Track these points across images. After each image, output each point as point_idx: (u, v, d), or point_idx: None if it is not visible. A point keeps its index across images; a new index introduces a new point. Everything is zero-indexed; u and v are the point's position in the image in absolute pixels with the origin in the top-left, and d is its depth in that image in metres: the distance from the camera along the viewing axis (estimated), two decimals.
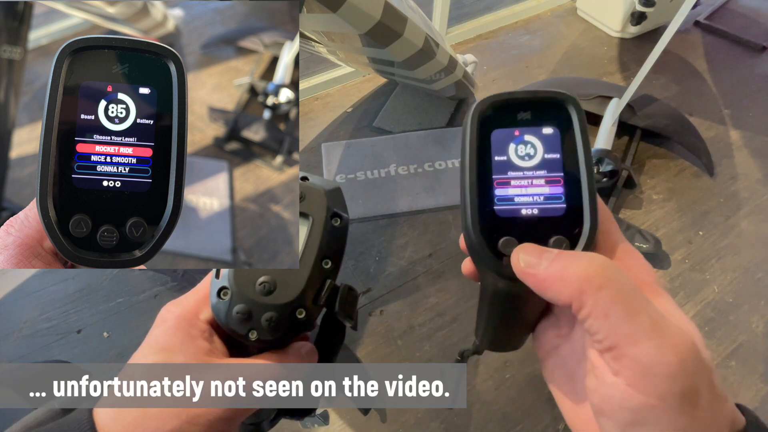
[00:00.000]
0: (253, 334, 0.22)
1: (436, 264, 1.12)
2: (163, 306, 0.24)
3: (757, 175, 1.30)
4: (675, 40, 1.12)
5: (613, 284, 0.18)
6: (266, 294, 0.23)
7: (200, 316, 0.23)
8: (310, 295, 0.23)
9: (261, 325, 0.22)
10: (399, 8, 0.69)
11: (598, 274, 0.18)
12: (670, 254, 1.13)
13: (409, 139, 1.40)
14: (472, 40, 1.81)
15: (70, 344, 1.01)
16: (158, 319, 0.23)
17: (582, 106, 0.22)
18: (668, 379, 0.17)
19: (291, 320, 0.23)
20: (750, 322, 1.02)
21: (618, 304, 0.18)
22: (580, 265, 0.19)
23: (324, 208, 0.24)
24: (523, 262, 0.20)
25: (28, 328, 1.04)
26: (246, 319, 0.22)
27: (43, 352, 1.00)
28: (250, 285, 0.23)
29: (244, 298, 0.22)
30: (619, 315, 0.17)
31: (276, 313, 0.22)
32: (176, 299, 0.24)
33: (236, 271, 0.23)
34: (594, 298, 0.18)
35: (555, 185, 0.22)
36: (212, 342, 0.23)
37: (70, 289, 1.10)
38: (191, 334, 0.22)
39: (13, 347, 1.01)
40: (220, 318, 0.23)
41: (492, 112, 0.23)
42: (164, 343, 0.22)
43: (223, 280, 0.23)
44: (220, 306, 0.23)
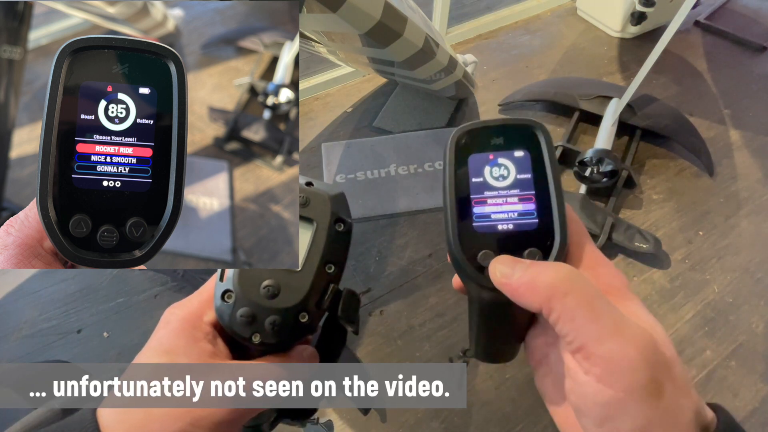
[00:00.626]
0: (257, 337, 0.23)
1: (436, 264, 1.12)
2: (167, 308, 0.24)
3: (757, 175, 1.30)
4: (675, 40, 1.12)
5: (577, 290, 0.20)
6: (270, 297, 0.23)
7: (204, 318, 0.23)
8: (313, 299, 0.23)
9: (264, 329, 0.23)
10: (399, 8, 0.69)
11: (564, 282, 0.20)
12: (670, 254, 1.13)
13: (409, 139, 1.40)
14: (472, 40, 1.81)
15: (70, 344, 1.01)
16: (162, 320, 0.23)
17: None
18: (631, 371, 0.18)
19: (294, 324, 0.23)
20: (750, 322, 1.02)
21: (582, 308, 0.19)
22: (549, 274, 0.20)
23: (328, 213, 0.24)
24: (499, 272, 0.22)
25: (28, 328, 1.04)
26: (250, 322, 0.22)
27: (43, 352, 1.00)
28: (254, 288, 0.23)
29: (248, 302, 0.23)
30: (584, 317, 0.19)
31: (279, 317, 0.23)
32: (180, 301, 0.24)
33: (240, 274, 0.23)
34: (561, 304, 0.20)
35: (527, 202, 0.24)
36: (215, 344, 0.23)
37: (70, 289, 1.10)
38: (195, 336, 0.22)
39: (13, 347, 1.01)
40: (223, 321, 0.23)
41: (468, 139, 0.25)
42: (168, 345, 0.22)
43: (227, 283, 0.23)
44: (224, 309, 0.23)
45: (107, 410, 0.20)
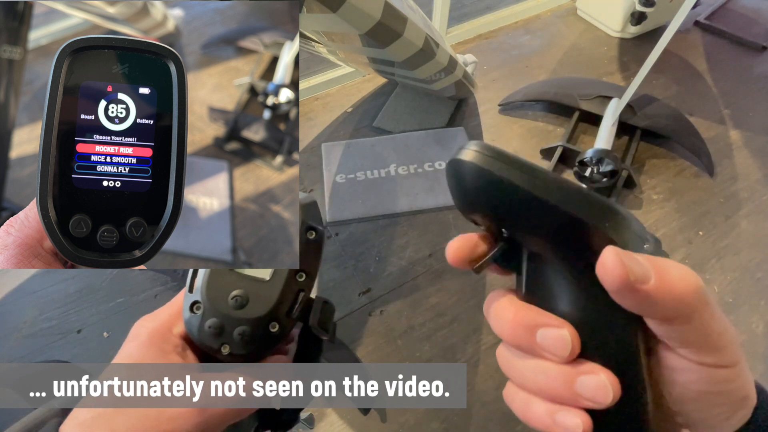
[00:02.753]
0: (226, 349, 0.22)
1: (436, 264, 1.12)
2: (137, 320, 0.23)
3: (757, 175, 1.30)
4: (675, 40, 1.12)
5: (710, 301, 0.16)
6: (239, 308, 0.22)
7: (174, 330, 0.23)
8: (283, 309, 0.23)
9: (233, 339, 0.22)
10: (399, 8, 0.69)
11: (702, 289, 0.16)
12: (670, 254, 1.13)
13: (409, 139, 1.40)
14: (472, 40, 1.81)
15: (70, 344, 1.01)
16: (131, 334, 0.23)
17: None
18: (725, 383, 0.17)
19: (264, 334, 0.23)
20: (750, 322, 1.02)
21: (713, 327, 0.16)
22: (687, 275, 0.16)
23: (299, 222, 0.24)
24: (634, 275, 0.15)
25: (28, 328, 1.04)
26: (218, 333, 0.22)
27: (43, 352, 1.00)
28: (222, 299, 0.22)
29: (216, 313, 0.22)
30: (714, 342, 0.16)
31: (248, 327, 0.22)
32: (150, 314, 0.24)
33: (209, 285, 0.23)
34: (699, 316, 0.16)
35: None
36: (185, 357, 0.23)
37: (70, 289, 1.10)
38: (163, 349, 0.22)
39: (13, 347, 1.01)
40: (192, 332, 0.23)
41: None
42: (137, 357, 0.21)
43: (195, 294, 0.23)
44: (193, 320, 0.23)
45: (70, 425, 0.20)
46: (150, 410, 0.20)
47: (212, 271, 0.23)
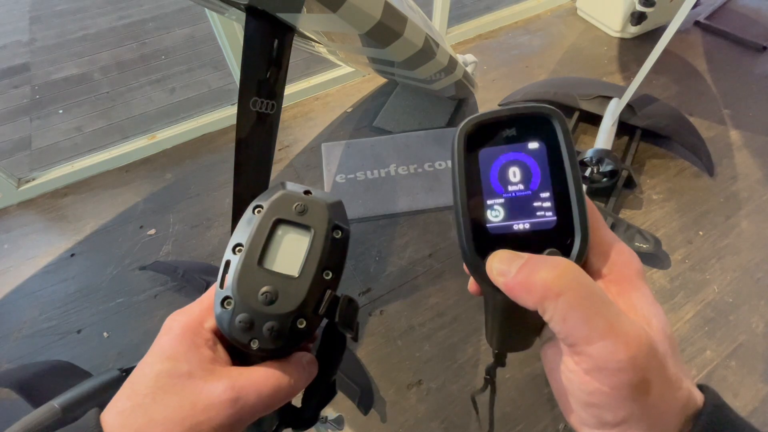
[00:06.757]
0: (255, 343, 0.23)
1: (436, 264, 1.12)
2: (170, 314, 0.24)
3: (757, 175, 1.30)
4: (675, 40, 1.12)
5: (571, 290, 0.19)
6: (268, 304, 0.23)
7: (205, 325, 0.24)
8: (310, 305, 0.24)
9: (262, 335, 0.23)
10: (399, 8, 0.69)
11: (558, 281, 0.20)
12: (670, 254, 1.13)
13: (409, 139, 1.40)
14: (472, 40, 1.81)
15: (70, 344, 1.01)
16: (164, 327, 0.24)
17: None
18: (618, 372, 0.18)
19: (292, 330, 0.23)
20: (750, 322, 1.02)
21: (575, 309, 0.19)
22: (543, 272, 0.20)
23: (326, 221, 0.25)
24: (495, 270, 0.22)
25: (28, 328, 1.04)
26: (248, 328, 0.23)
27: (43, 352, 1.00)
28: (252, 295, 0.23)
29: (246, 308, 0.23)
30: (576, 319, 0.19)
31: (277, 323, 0.23)
32: (182, 308, 0.25)
33: (239, 281, 0.23)
34: (553, 305, 0.19)
35: (544, 200, 0.23)
36: (216, 351, 0.24)
37: (70, 289, 1.10)
38: (196, 342, 0.23)
39: (13, 347, 1.01)
40: (223, 327, 0.23)
41: (477, 132, 0.23)
42: (170, 351, 0.22)
43: (226, 290, 0.23)
44: (224, 315, 0.23)
45: (111, 414, 0.21)
46: (185, 400, 0.21)
47: (242, 268, 0.24)
